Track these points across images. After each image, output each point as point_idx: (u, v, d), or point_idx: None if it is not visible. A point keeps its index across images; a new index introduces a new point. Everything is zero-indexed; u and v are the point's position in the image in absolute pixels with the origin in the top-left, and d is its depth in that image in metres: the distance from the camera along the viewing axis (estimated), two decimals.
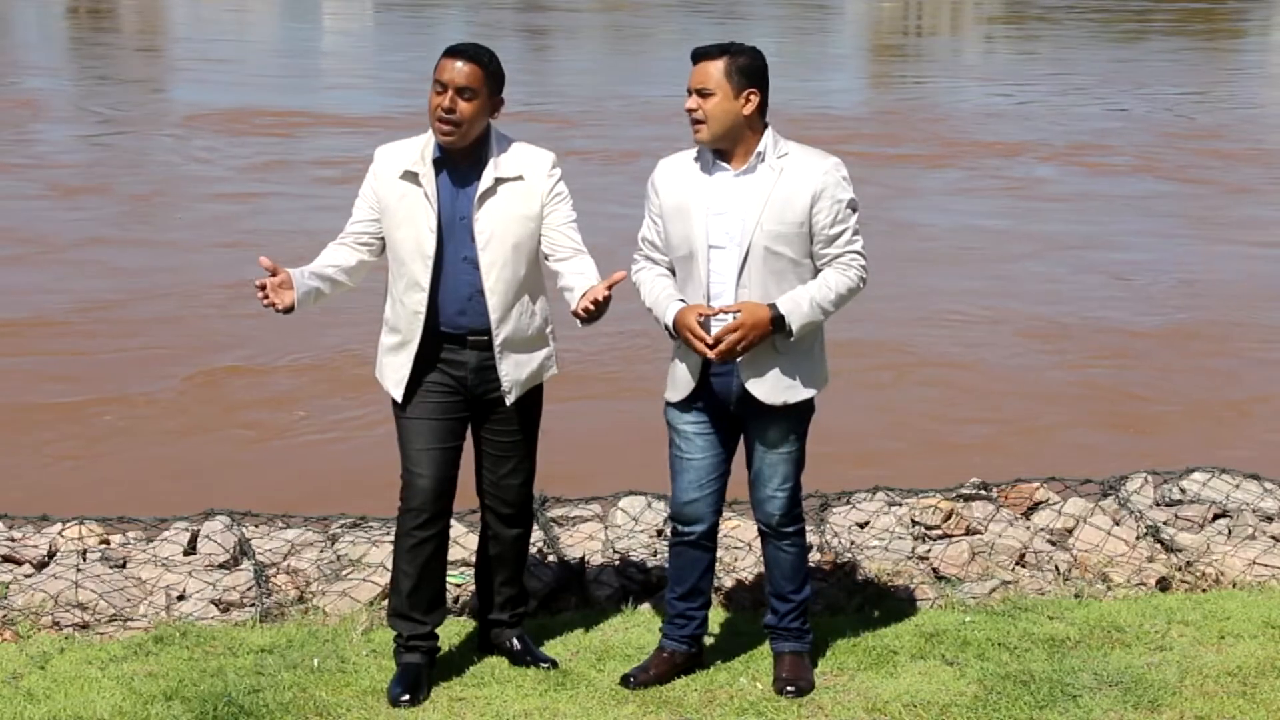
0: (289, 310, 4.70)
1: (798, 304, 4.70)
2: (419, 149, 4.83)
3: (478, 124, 4.76)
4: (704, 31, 33.74)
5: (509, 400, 4.90)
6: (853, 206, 4.79)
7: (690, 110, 4.71)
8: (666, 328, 4.78)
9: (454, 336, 4.85)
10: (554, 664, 5.12)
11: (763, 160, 4.74)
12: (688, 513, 4.95)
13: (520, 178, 4.82)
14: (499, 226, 4.78)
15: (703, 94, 4.68)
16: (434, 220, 4.77)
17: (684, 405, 4.88)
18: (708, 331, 4.68)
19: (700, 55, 4.73)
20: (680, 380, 4.86)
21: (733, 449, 4.97)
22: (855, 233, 4.80)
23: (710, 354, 4.67)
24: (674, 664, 5.04)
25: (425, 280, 4.79)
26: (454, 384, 4.88)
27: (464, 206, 4.79)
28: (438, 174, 4.80)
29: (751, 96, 4.70)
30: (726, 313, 4.67)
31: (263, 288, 4.64)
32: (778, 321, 4.66)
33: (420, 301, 4.81)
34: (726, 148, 4.74)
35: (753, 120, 4.73)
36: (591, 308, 4.60)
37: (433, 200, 4.78)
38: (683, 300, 4.77)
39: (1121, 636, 5.35)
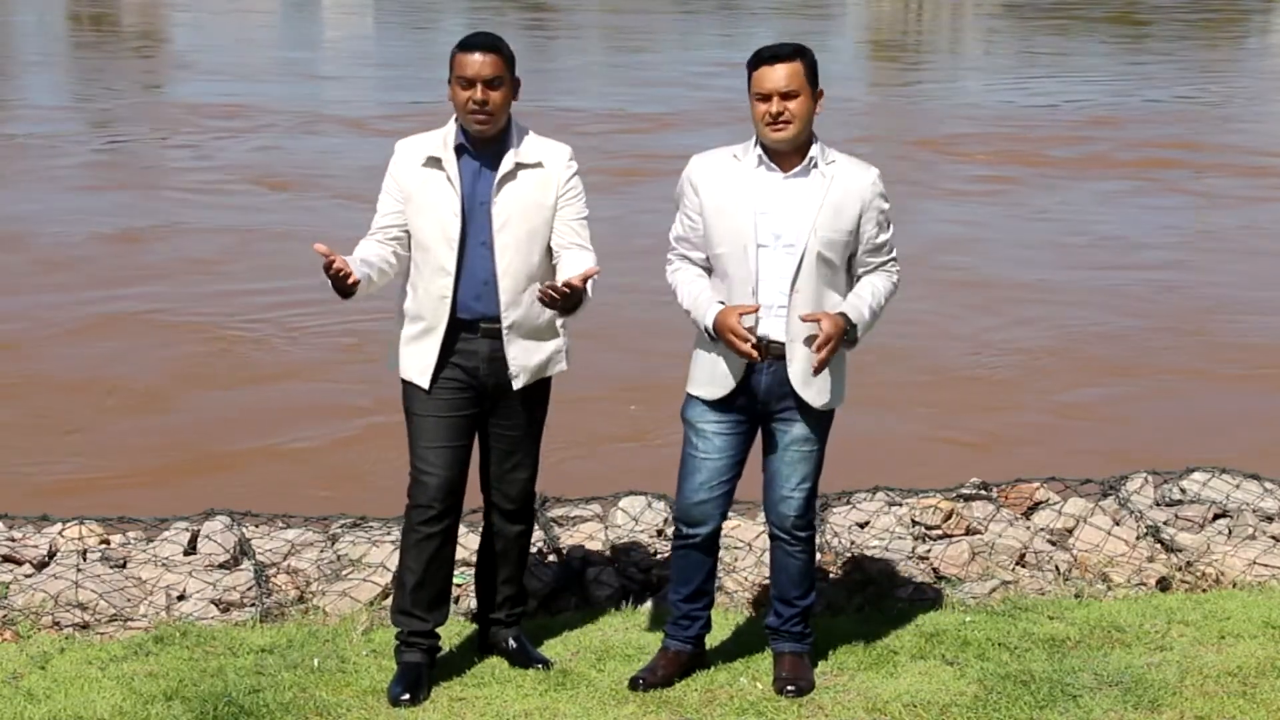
0: (351, 292, 4.70)
1: (861, 314, 4.77)
2: (440, 137, 4.89)
3: (507, 108, 4.83)
4: (702, 29, 33.78)
5: (516, 385, 4.91)
6: (890, 218, 4.87)
7: (778, 113, 4.68)
8: (706, 329, 4.77)
9: (469, 324, 4.87)
10: (549, 664, 5.12)
11: (815, 166, 4.75)
12: (695, 514, 4.94)
13: (540, 164, 4.87)
14: (515, 210, 4.82)
15: (788, 95, 4.68)
16: (458, 204, 4.82)
17: (718, 404, 4.85)
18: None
19: (776, 58, 4.70)
20: (720, 377, 4.83)
21: (747, 453, 4.96)
22: (893, 240, 4.91)
23: (755, 356, 4.67)
24: (680, 664, 5.04)
25: (451, 264, 4.82)
26: (466, 379, 4.90)
27: (484, 191, 4.83)
28: (459, 160, 4.85)
29: (820, 97, 4.76)
30: (808, 320, 4.68)
31: (329, 266, 4.64)
32: (849, 330, 4.73)
33: (446, 286, 4.83)
34: (792, 149, 4.75)
35: (812, 124, 4.78)
36: (552, 293, 4.59)
37: (456, 184, 4.82)
38: (722, 302, 4.76)
39: (1121, 636, 5.35)
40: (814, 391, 4.81)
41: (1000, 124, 20.63)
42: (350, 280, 4.66)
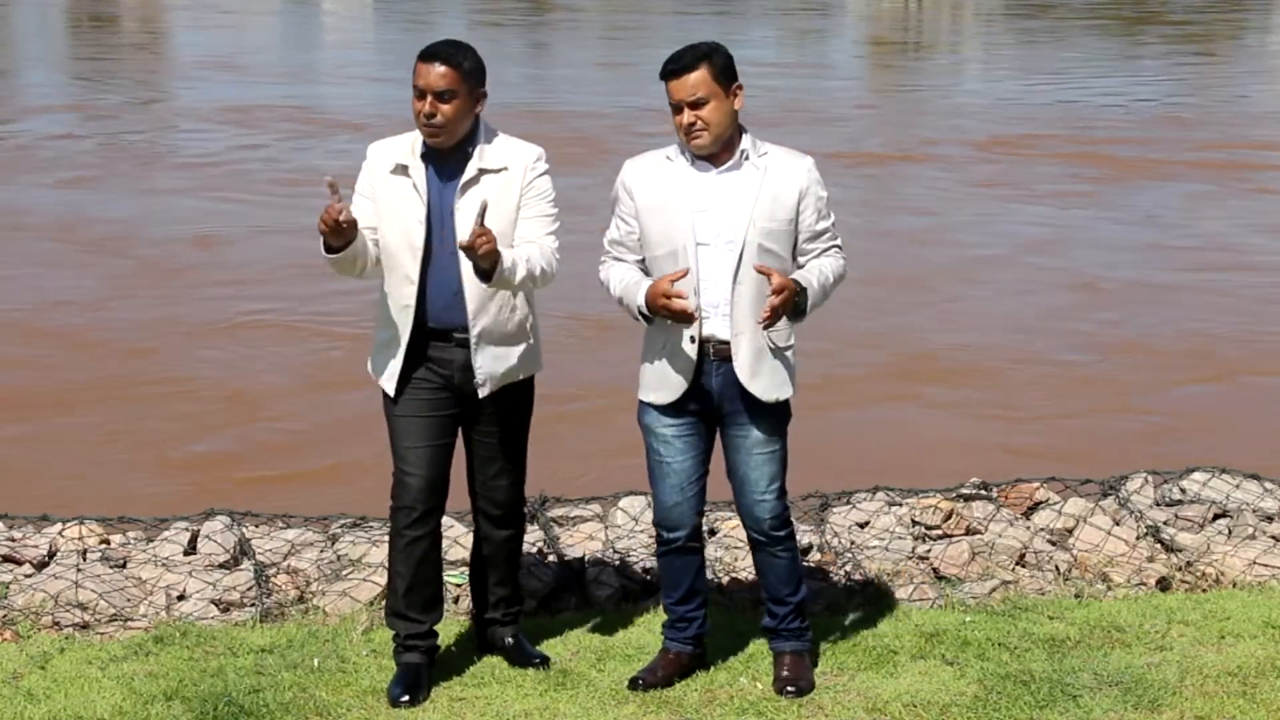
0: (347, 241, 4.65)
1: (810, 283, 4.75)
2: (409, 143, 4.84)
3: (463, 122, 4.76)
4: (715, 29, 33.80)
5: (482, 393, 4.87)
6: (829, 206, 4.87)
7: (690, 124, 4.69)
8: (640, 311, 4.74)
9: (442, 333, 4.84)
10: (546, 661, 5.11)
11: (747, 158, 4.77)
12: (672, 517, 4.94)
13: (505, 169, 4.81)
14: (476, 214, 4.74)
15: (697, 104, 4.68)
16: (423, 212, 4.77)
17: (670, 409, 4.85)
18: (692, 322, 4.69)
19: (680, 69, 4.70)
20: (669, 381, 4.82)
21: (710, 450, 4.97)
22: (835, 227, 4.89)
23: (691, 313, 4.64)
24: (680, 664, 5.05)
25: (415, 273, 4.78)
26: (443, 382, 4.88)
27: (450, 199, 4.78)
28: (427, 167, 4.80)
29: (738, 91, 4.76)
30: (761, 271, 4.64)
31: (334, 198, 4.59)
32: (798, 297, 4.70)
33: (410, 295, 4.80)
34: (716, 150, 4.76)
35: (737, 117, 4.77)
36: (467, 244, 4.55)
37: (422, 192, 4.78)
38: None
39: (1121, 636, 5.35)
40: (762, 385, 4.79)
41: (1060, 125, 20.47)
42: (345, 222, 4.59)
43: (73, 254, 12.99)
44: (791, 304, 4.68)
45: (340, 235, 4.65)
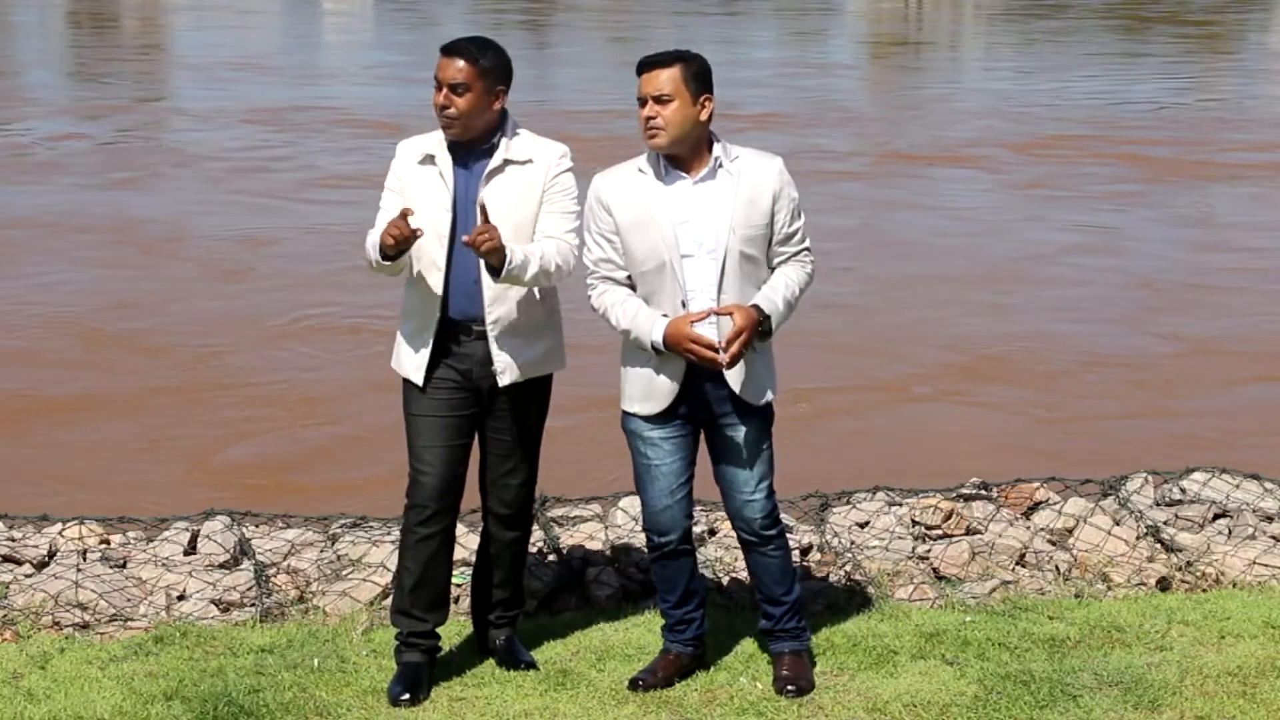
0: (402, 252, 4.73)
1: (774, 304, 4.76)
2: (437, 137, 4.90)
3: (479, 116, 4.81)
4: (724, 28, 33.85)
5: (502, 382, 4.89)
6: (799, 207, 4.88)
7: (649, 118, 4.71)
8: (653, 345, 4.74)
9: (463, 325, 4.87)
10: (534, 666, 5.11)
11: (721, 166, 4.77)
12: (663, 521, 4.94)
13: (530, 161, 4.87)
14: (501, 205, 4.79)
15: (660, 100, 4.70)
16: (449, 200, 4.83)
17: (657, 416, 4.84)
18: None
19: (652, 63, 4.74)
20: (656, 391, 4.82)
21: (696, 451, 4.97)
22: (805, 228, 4.90)
23: (722, 361, 4.66)
24: (680, 665, 5.05)
25: (442, 260, 4.83)
26: (461, 379, 4.90)
27: (474, 189, 4.83)
28: (454, 158, 4.86)
29: (707, 103, 4.76)
30: (720, 314, 4.67)
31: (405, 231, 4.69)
32: (763, 322, 4.71)
33: (438, 283, 4.84)
34: (682, 154, 4.76)
35: (707, 126, 4.78)
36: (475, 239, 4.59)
37: (448, 180, 4.83)
38: (665, 315, 4.75)
39: (1121, 636, 5.35)
40: (751, 389, 4.81)
41: (1089, 125, 20.41)
42: (416, 233, 4.69)
43: (127, 256, 12.99)
44: (755, 336, 4.70)
45: (402, 247, 4.72)
